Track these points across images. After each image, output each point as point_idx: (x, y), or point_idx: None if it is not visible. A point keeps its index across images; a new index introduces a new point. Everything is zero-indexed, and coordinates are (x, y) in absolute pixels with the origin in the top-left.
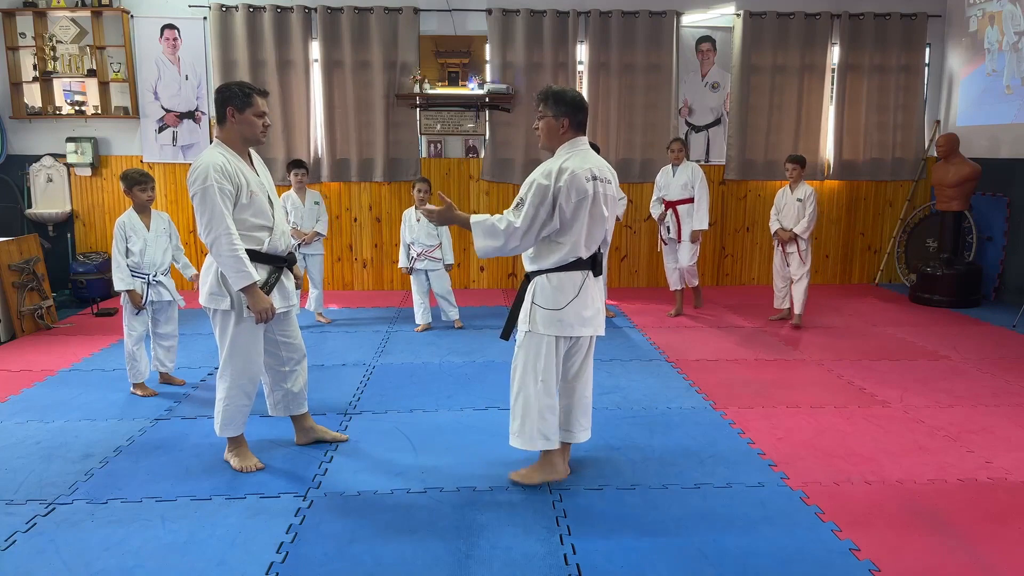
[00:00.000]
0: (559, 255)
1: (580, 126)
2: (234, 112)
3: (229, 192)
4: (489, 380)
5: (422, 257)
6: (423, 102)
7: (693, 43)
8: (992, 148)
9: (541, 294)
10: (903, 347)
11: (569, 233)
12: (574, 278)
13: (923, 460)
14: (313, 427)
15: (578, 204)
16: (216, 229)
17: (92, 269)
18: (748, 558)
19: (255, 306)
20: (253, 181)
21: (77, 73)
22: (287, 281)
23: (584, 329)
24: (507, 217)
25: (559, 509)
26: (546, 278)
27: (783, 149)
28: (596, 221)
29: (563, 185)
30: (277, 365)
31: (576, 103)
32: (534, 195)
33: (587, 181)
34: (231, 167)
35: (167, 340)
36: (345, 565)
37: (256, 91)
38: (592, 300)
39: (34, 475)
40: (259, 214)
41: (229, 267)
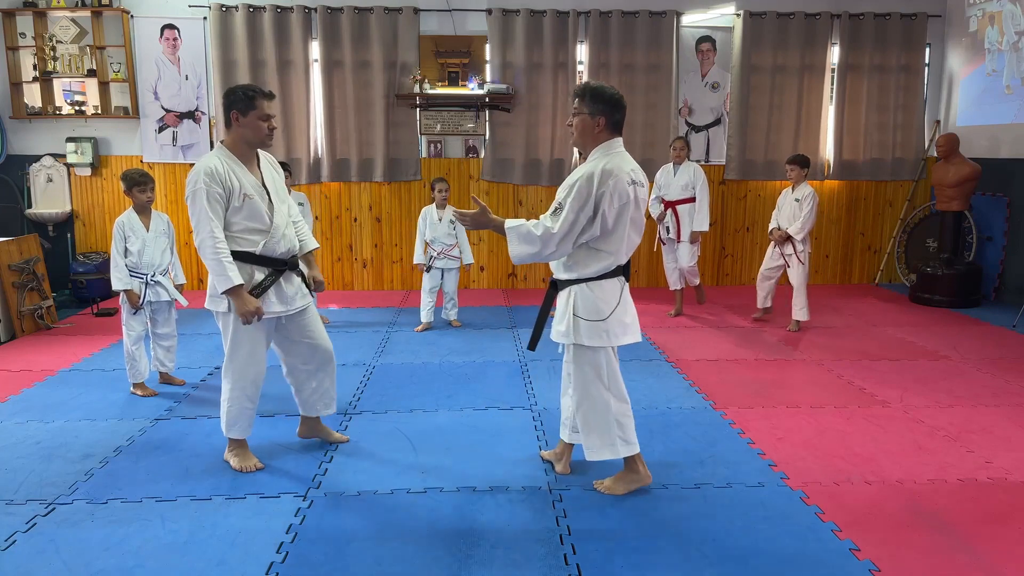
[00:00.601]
0: (602, 263)
1: (617, 126)
2: (238, 116)
3: (218, 196)
4: (489, 380)
5: (441, 256)
6: (423, 102)
7: (693, 43)
8: (992, 148)
9: (583, 305)
10: (903, 347)
11: (611, 240)
12: (614, 285)
13: (923, 460)
14: (318, 426)
15: (621, 209)
16: (201, 232)
17: (92, 269)
18: (748, 558)
19: (238, 309)
20: (249, 184)
21: (77, 73)
22: (287, 284)
23: (627, 337)
24: (544, 222)
25: (559, 509)
26: (587, 287)
27: (783, 149)
28: (636, 226)
29: (607, 190)
30: (300, 364)
31: (614, 101)
32: (574, 199)
33: (628, 185)
34: (224, 171)
35: (166, 340)
36: (345, 565)
37: (260, 93)
38: (630, 306)
39: (34, 475)
40: (253, 217)
41: (212, 270)
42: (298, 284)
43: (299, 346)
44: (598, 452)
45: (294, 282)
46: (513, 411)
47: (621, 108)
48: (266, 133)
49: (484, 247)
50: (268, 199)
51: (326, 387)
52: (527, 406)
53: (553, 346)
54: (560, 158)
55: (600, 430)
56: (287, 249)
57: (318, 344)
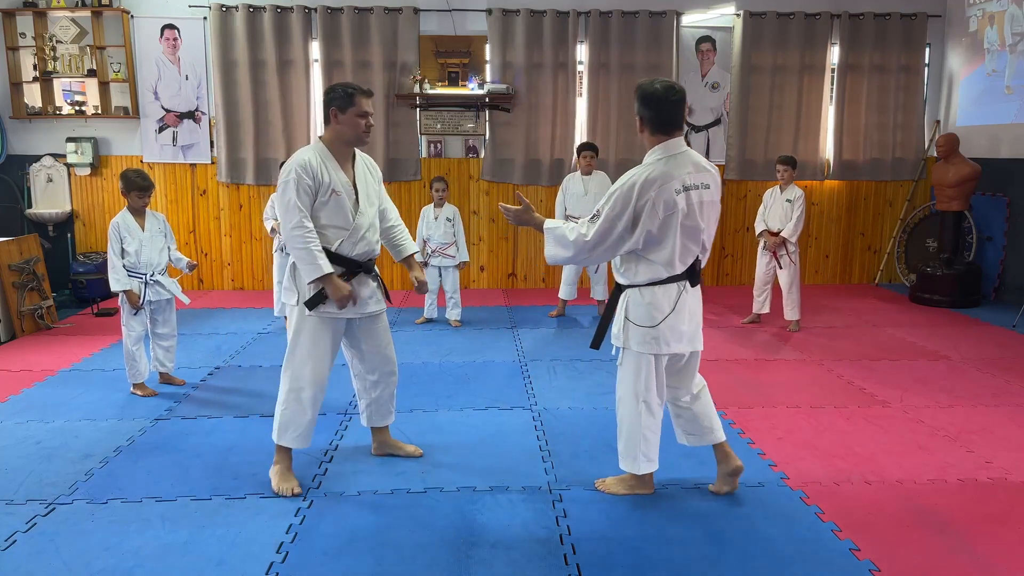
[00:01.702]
0: (652, 271)
1: (666, 125)
2: (336, 113)
3: (308, 187)
4: (489, 380)
5: (436, 254)
6: (423, 102)
7: (693, 43)
8: (992, 148)
9: (634, 310)
10: (903, 347)
11: (659, 250)
12: (669, 292)
13: (923, 460)
14: (387, 440)
15: (666, 220)
16: (290, 221)
17: (92, 269)
18: (748, 558)
19: (333, 294)
20: (339, 182)
21: (77, 73)
22: (360, 287)
23: (681, 345)
24: (580, 228)
25: (559, 509)
26: (639, 292)
27: (783, 149)
28: (690, 234)
29: (648, 200)
30: (365, 373)
31: (655, 97)
32: (611, 208)
33: (677, 194)
34: (317, 164)
35: (166, 340)
36: (345, 565)
37: (360, 91)
38: (691, 314)
39: (34, 475)
40: (336, 215)
41: (300, 259)
42: (373, 288)
43: (366, 353)
44: (623, 461)
45: (369, 285)
46: (513, 411)
47: (665, 103)
48: (363, 130)
49: (484, 247)
50: (356, 199)
51: (384, 400)
52: (527, 406)
53: (553, 346)
54: (560, 158)
55: (627, 438)
56: (365, 251)
57: (383, 354)
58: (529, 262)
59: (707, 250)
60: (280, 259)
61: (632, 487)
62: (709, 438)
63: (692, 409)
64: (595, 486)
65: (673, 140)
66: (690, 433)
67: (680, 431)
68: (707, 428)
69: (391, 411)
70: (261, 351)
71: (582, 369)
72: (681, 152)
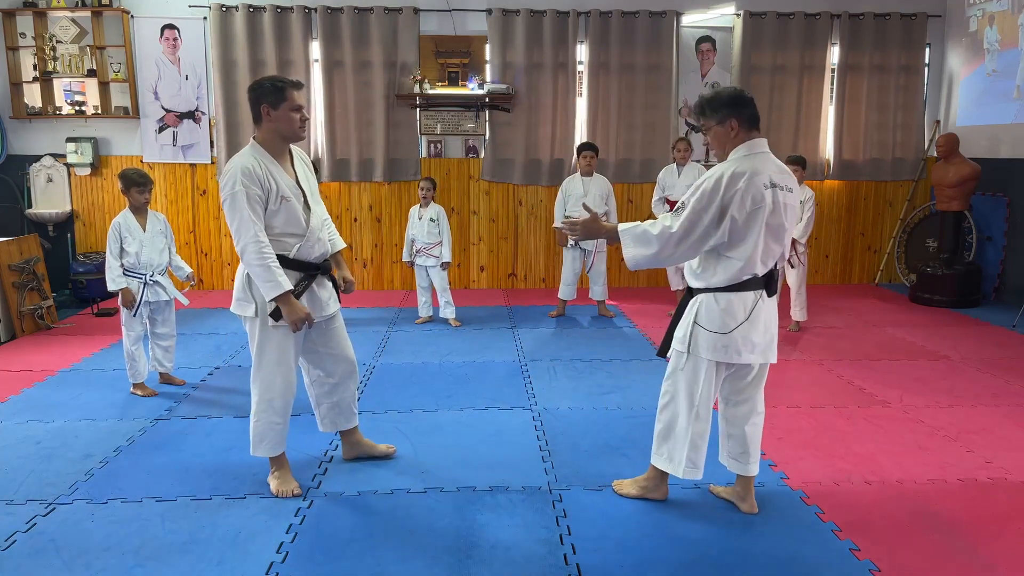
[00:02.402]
0: (730, 271)
1: (752, 122)
2: (269, 109)
3: (258, 197)
4: (489, 380)
5: (421, 253)
6: (423, 102)
7: (693, 43)
8: (992, 148)
9: (707, 315)
10: (903, 347)
11: (741, 246)
12: (745, 299)
13: (923, 460)
14: (360, 441)
15: (752, 213)
16: (244, 237)
17: (92, 269)
18: (748, 558)
19: (288, 316)
20: (285, 185)
21: (77, 73)
22: (320, 289)
23: (752, 356)
24: (664, 221)
25: (559, 509)
26: (713, 297)
27: (783, 149)
28: (775, 234)
29: (737, 191)
30: (325, 376)
31: (735, 99)
32: (699, 199)
33: (765, 188)
34: (261, 171)
35: (165, 340)
36: (345, 565)
37: (289, 84)
38: (766, 325)
39: (34, 475)
40: (289, 221)
41: (258, 276)
42: (331, 289)
43: (324, 356)
44: (662, 460)
45: (327, 287)
46: (513, 411)
47: (747, 102)
48: (299, 125)
49: (484, 247)
50: (304, 201)
51: (347, 401)
52: (527, 406)
53: (553, 346)
54: (560, 158)
55: (673, 442)
56: (321, 253)
57: (340, 355)
58: (529, 262)
59: (785, 257)
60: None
61: (645, 490)
62: (747, 468)
63: (746, 430)
64: (613, 487)
65: (759, 140)
66: (734, 457)
67: (726, 452)
68: (753, 457)
69: (355, 412)
70: None
71: (582, 369)
72: (765, 152)
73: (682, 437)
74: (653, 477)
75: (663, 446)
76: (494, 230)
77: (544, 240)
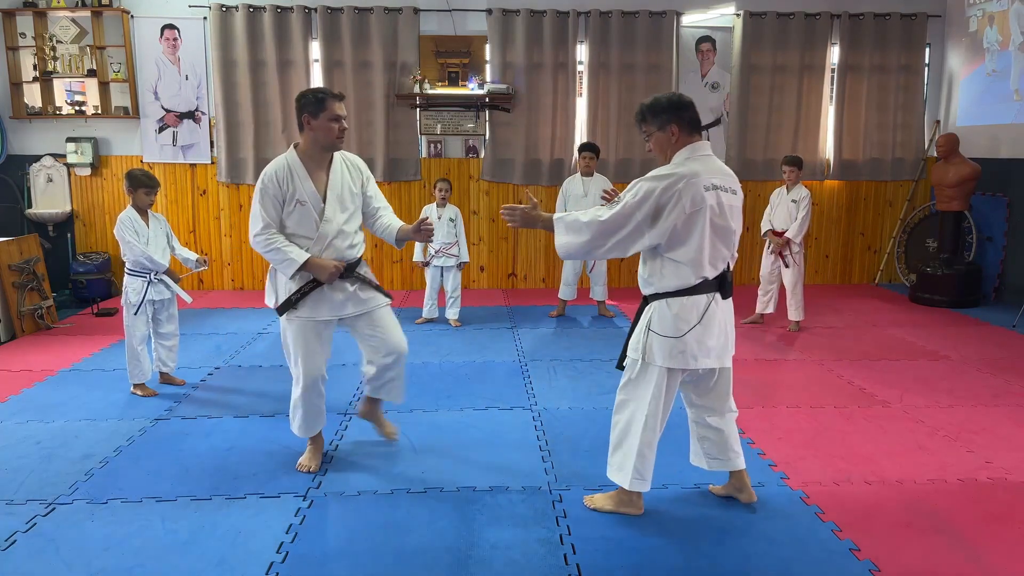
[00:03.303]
0: (680, 276)
1: (693, 125)
2: (309, 119)
3: (275, 197)
4: (489, 380)
5: (439, 254)
6: (423, 102)
7: (693, 43)
8: (992, 148)
9: (659, 320)
10: (903, 347)
11: (683, 248)
12: (697, 303)
13: (923, 460)
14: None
15: (693, 215)
16: (254, 228)
17: (92, 269)
18: (748, 558)
19: (320, 276)
20: (304, 192)
21: (77, 73)
22: (334, 291)
23: (708, 360)
24: (596, 211)
25: (559, 509)
26: (666, 303)
27: (783, 149)
28: (721, 235)
29: (675, 192)
30: (379, 357)
31: (675, 104)
32: (633, 196)
33: (707, 190)
34: (284, 174)
35: (168, 339)
36: (345, 565)
37: (330, 95)
38: (720, 327)
39: (34, 475)
40: (301, 224)
41: (273, 261)
42: (349, 292)
43: (366, 345)
44: (615, 473)
45: (344, 290)
46: (513, 411)
47: (686, 107)
48: (337, 135)
49: (484, 247)
50: (323, 207)
51: (391, 384)
52: (527, 406)
53: (553, 346)
54: (560, 158)
55: (625, 452)
56: (336, 258)
57: (387, 340)
58: (529, 262)
59: (734, 258)
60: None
61: (619, 504)
62: (732, 464)
63: (720, 429)
64: (584, 503)
65: (700, 143)
66: (713, 457)
67: (701, 453)
68: (735, 452)
69: (401, 392)
70: (261, 351)
71: (582, 369)
72: (707, 155)
73: (632, 449)
74: (626, 494)
75: (615, 456)
76: (494, 230)
77: (544, 240)
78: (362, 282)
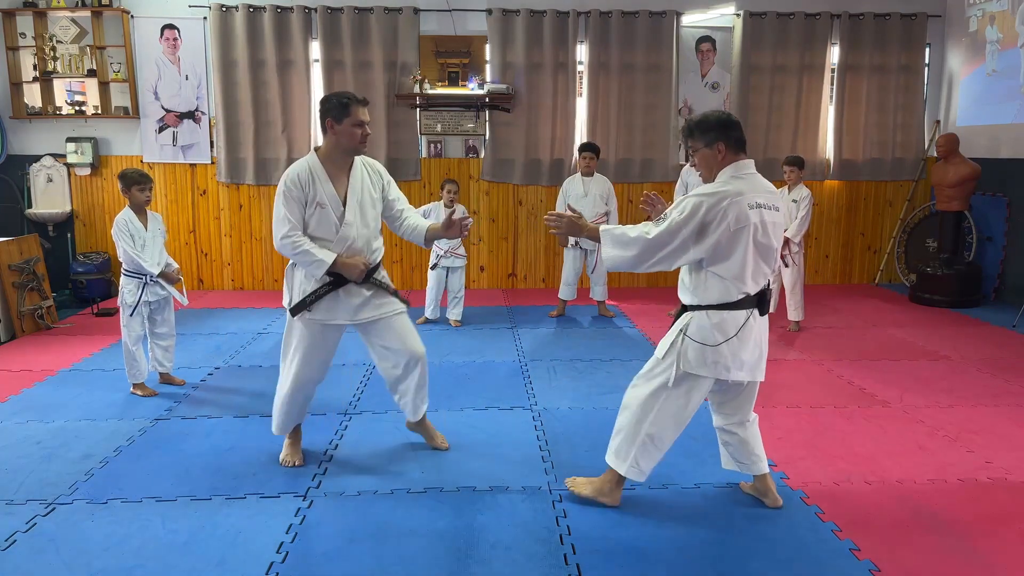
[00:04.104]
0: (721, 289)
1: (739, 145)
2: (333, 123)
3: (297, 199)
4: (489, 380)
5: (447, 255)
6: (423, 102)
7: (693, 43)
8: (992, 148)
9: (698, 329)
10: (903, 347)
11: (725, 263)
12: (737, 317)
13: (923, 460)
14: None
15: (737, 233)
16: (279, 232)
17: (92, 269)
18: (748, 558)
19: (349, 273)
20: (325, 195)
21: (77, 73)
22: (349, 296)
23: (740, 373)
24: (643, 227)
25: (559, 509)
26: (706, 314)
27: (783, 149)
28: (763, 252)
29: (720, 211)
30: (389, 367)
31: (723, 123)
32: (680, 211)
33: (751, 208)
34: (305, 177)
35: (164, 340)
36: (345, 565)
37: (355, 100)
38: (756, 342)
39: (34, 475)
40: (319, 227)
41: (302, 264)
42: (365, 297)
43: (380, 351)
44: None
45: (360, 294)
46: (513, 411)
47: (734, 126)
48: (360, 140)
49: (484, 247)
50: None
51: (411, 394)
52: (527, 406)
53: (553, 346)
54: (560, 158)
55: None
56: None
57: (400, 350)
58: (529, 262)
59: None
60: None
61: (598, 492)
62: (754, 468)
63: (741, 436)
64: (566, 483)
65: (746, 161)
66: (740, 461)
67: (728, 456)
68: (757, 457)
69: (418, 407)
70: (261, 351)
71: (582, 369)
72: (752, 173)
73: (636, 436)
74: (609, 480)
75: (615, 440)
76: (494, 230)
77: (544, 240)
78: (378, 287)
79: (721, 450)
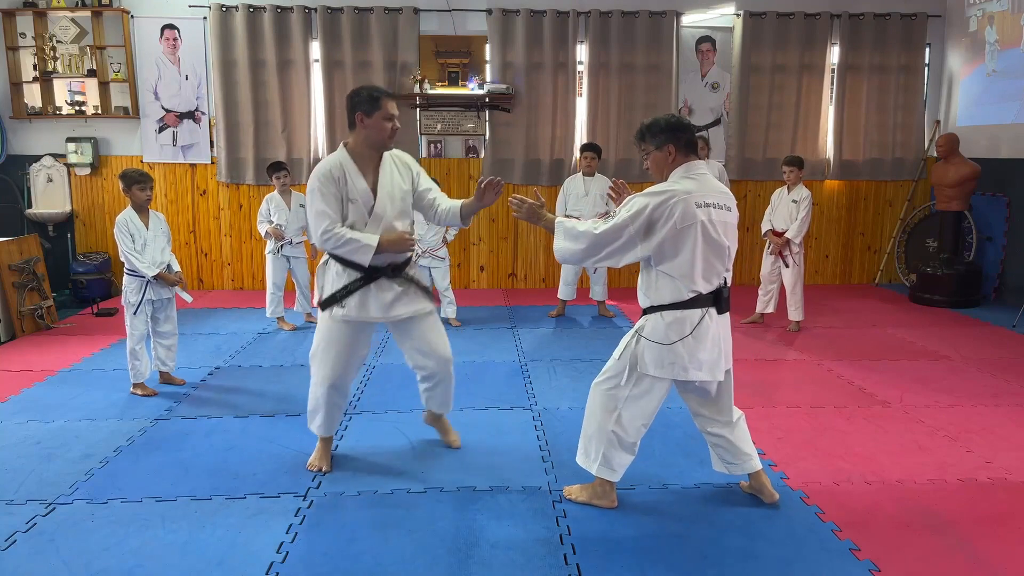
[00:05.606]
0: (672, 288)
1: (689, 147)
2: (363, 117)
3: (334, 194)
4: (489, 380)
5: (427, 254)
6: (423, 102)
7: (693, 43)
8: (992, 148)
9: (652, 329)
10: (903, 347)
11: (675, 262)
12: (691, 316)
13: (923, 460)
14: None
15: (684, 230)
16: (319, 227)
17: (92, 269)
18: (748, 558)
19: (394, 246)
20: (356, 190)
21: (77, 73)
22: (381, 291)
23: (699, 373)
24: (592, 223)
25: (559, 509)
26: (660, 316)
27: (783, 149)
28: (716, 251)
29: (666, 210)
30: (416, 366)
31: (672, 126)
32: (628, 209)
33: (698, 207)
34: (337, 173)
35: (167, 339)
36: (345, 565)
37: (385, 94)
38: (714, 341)
39: (34, 475)
40: (353, 224)
41: (347, 253)
42: (397, 293)
43: (411, 351)
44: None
45: (392, 289)
46: (513, 411)
47: (684, 129)
48: (389, 134)
49: (484, 247)
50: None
51: (438, 392)
52: (527, 406)
53: (553, 346)
54: (560, 158)
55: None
56: (385, 257)
57: (430, 353)
58: (529, 262)
59: (729, 271)
60: (273, 261)
61: (592, 496)
62: (746, 467)
63: (727, 437)
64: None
65: (696, 162)
66: (729, 462)
67: (717, 459)
68: (747, 455)
69: (443, 404)
70: (261, 351)
71: (582, 369)
72: (703, 174)
73: (602, 436)
74: (601, 483)
75: (583, 441)
76: (494, 230)
77: (544, 240)
78: (410, 283)
79: (711, 453)
